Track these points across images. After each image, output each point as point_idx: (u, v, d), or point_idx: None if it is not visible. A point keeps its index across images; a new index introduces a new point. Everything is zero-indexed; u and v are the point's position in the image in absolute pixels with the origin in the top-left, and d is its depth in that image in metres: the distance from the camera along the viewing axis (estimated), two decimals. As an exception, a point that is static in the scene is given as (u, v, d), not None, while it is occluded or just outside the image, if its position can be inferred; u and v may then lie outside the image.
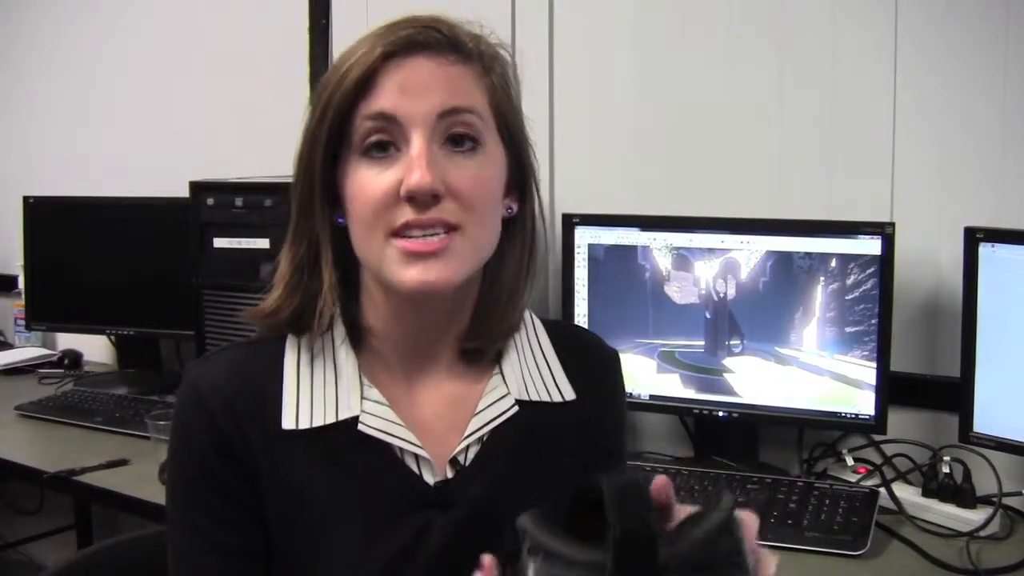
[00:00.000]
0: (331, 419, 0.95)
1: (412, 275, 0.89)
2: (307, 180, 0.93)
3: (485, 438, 0.99)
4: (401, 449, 0.96)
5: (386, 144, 0.89)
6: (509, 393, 1.00)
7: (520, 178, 0.98)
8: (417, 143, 0.87)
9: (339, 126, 0.90)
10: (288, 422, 0.95)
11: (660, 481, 0.76)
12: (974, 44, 1.76)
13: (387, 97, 0.88)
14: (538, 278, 2.24)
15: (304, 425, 0.95)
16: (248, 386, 0.96)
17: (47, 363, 2.89)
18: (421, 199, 0.87)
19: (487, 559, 0.77)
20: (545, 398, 1.02)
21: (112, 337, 2.80)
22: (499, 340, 1.01)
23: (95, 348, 2.92)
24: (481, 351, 1.01)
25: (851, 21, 1.87)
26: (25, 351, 2.98)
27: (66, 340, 2.98)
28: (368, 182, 0.89)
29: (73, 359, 2.86)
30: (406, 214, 0.88)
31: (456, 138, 0.90)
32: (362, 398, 0.96)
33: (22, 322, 2.94)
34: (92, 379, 2.71)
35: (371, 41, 0.90)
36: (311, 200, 0.93)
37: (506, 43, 0.98)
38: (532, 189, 1.00)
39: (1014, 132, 1.74)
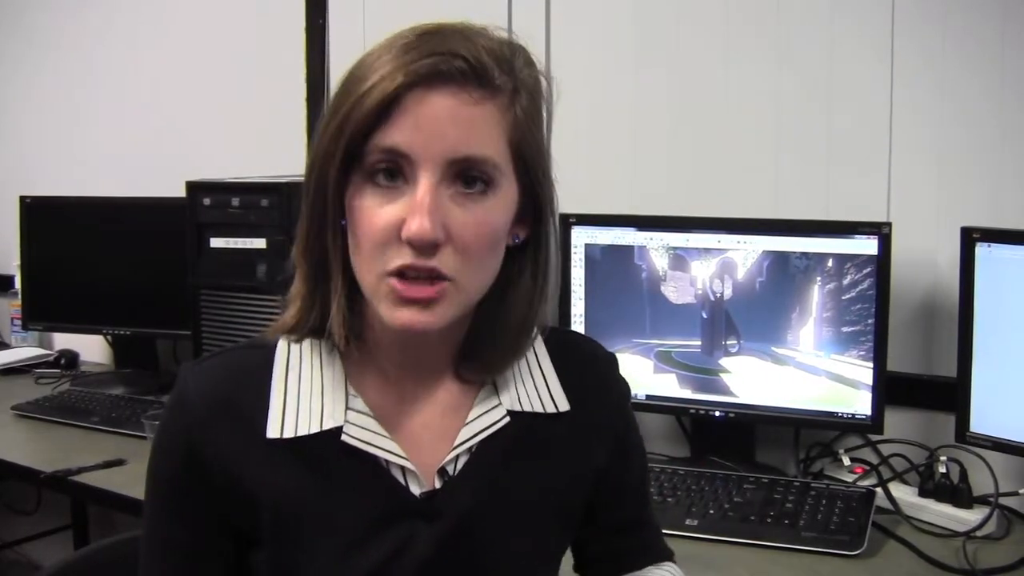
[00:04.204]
0: (315, 429, 0.94)
1: (401, 318, 0.87)
2: (320, 197, 0.90)
3: (475, 448, 0.97)
4: (387, 461, 0.95)
5: (395, 173, 0.87)
6: (501, 404, 0.99)
7: (533, 207, 0.95)
8: (423, 186, 0.85)
9: (353, 150, 0.87)
10: (273, 431, 0.94)
11: None
12: (971, 44, 1.76)
13: (401, 133, 0.85)
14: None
15: (288, 434, 0.94)
16: (235, 394, 0.96)
17: (43, 363, 2.89)
18: (419, 246, 0.85)
19: None
20: (538, 409, 1.01)
21: (108, 337, 2.79)
22: (498, 372, 1.00)
23: (91, 348, 2.91)
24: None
25: (848, 20, 1.87)
26: (21, 351, 2.97)
27: (62, 340, 2.98)
28: (372, 212, 0.87)
29: (70, 359, 2.86)
30: (403, 257, 0.86)
31: (467, 179, 0.87)
32: (347, 408, 0.95)
33: (19, 322, 2.94)
34: (88, 379, 2.70)
35: (395, 60, 0.85)
36: (324, 217, 0.91)
37: (540, 60, 0.94)
38: (547, 216, 0.96)
39: (1011, 132, 1.75)
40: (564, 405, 1.02)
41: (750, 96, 1.98)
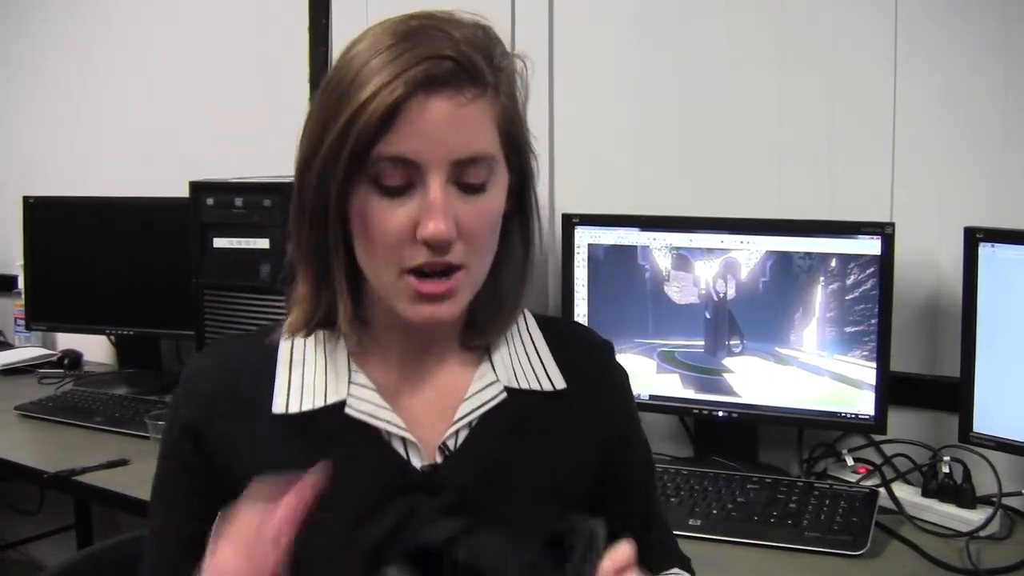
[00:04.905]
0: (319, 404, 0.98)
1: (421, 313, 0.93)
2: (321, 205, 0.92)
3: (474, 424, 1.00)
4: (389, 433, 0.98)
5: (400, 177, 0.90)
6: (498, 380, 1.02)
7: (518, 182, 1.00)
8: (434, 188, 0.89)
9: (359, 159, 0.89)
10: (278, 407, 0.98)
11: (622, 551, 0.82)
12: (975, 43, 1.76)
13: (407, 141, 0.88)
14: (538, 279, 2.24)
15: (293, 410, 0.98)
16: (240, 375, 1.00)
17: (47, 363, 2.89)
18: (437, 246, 0.90)
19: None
20: (535, 386, 1.04)
21: (112, 337, 2.80)
22: (502, 334, 1.04)
23: (95, 348, 2.92)
24: (475, 347, 1.04)
25: (852, 20, 1.87)
26: (25, 351, 2.98)
27: (66, 340, 2.98)
28: (383, 217, 0.90)
29: (73, 359, 2.86)
30: (421, 255, 0.90)
31: (469, 175, 0.91)
32: (350, 383, 0.99)
33: (22, 322, 2.94)
34: (92, 379, 2.71)
35: (387, 67, 0.88)
36: (325, 224, 0.93)
37: (514, 45, 0.99)
38: (529, 189, 1.01)
39: (1014, 132, 1.74)
40: (560, 383, 1.05)
41: (753, 96, 1.98)
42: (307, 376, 0.99)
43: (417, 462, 0.98)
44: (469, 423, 1.00)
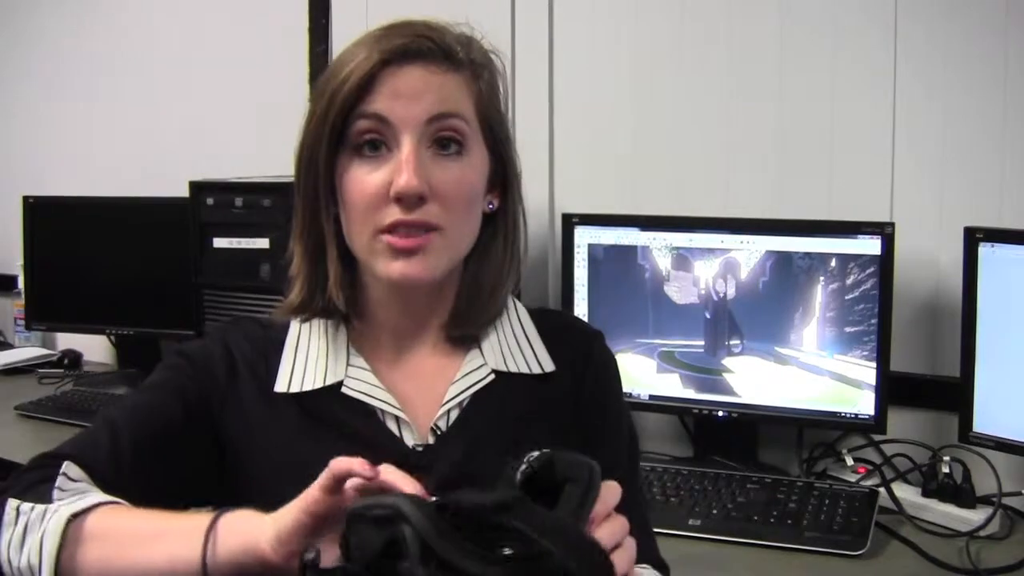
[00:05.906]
0: (319, 384, 1.03)
1: (396, 268, 0.96)
2: (312, 177, 0.99)
3: (465, 404, 1.04)
4: (383, 412, 1.02)
5: (378, 143, 0.96)
6: (486, 364, 1.06)
7: (502, 176, 1.05)
8: (407, 146, 0.95)
9: (340, 127, 0.96)
10: (280, 386, 1.03)
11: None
12: (974, 44, 1.76)
13: (382, 101, 0.95)
14: (538, 278, 2.23)
15: (295, 389, 1.03)
16: (254, 352, 1.06)
17: (47, 363, 2.89)
18: (408, 200, 0.94)
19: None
20: (524, 370, 1.07)
21: (112, 337, 2.79)
22: (482, 327, 1.07)
23: (95, 348, 2.92)
24: (464, 338, 1.07)
25: (851, 21, 1.87)
26: (25, 351, 2.98)
27: (66, 340, 2.98)
28: (361, 179, 0.96)
29: (73, 359, 2.86)
30: (394, 214, 0.95)
31: (443, 141, 0.97)
32: (348, 365, 1.04)
33: (22, 322, 2.94)
34: (92, 379, 2.70)
35: (369, 47, 0.96)
36: (316, 196, 0.99)
37: (496, 47, 1.04)
38: (514, 186, 1.06)
39: (1014, 132, 1.75)
40: (549, 366, 1.08)
41: (753, 95, 1.98)
42: (309, 359, 1.04)
43: (410, 441, 1.01)
44: (459, 403, 1.03)
